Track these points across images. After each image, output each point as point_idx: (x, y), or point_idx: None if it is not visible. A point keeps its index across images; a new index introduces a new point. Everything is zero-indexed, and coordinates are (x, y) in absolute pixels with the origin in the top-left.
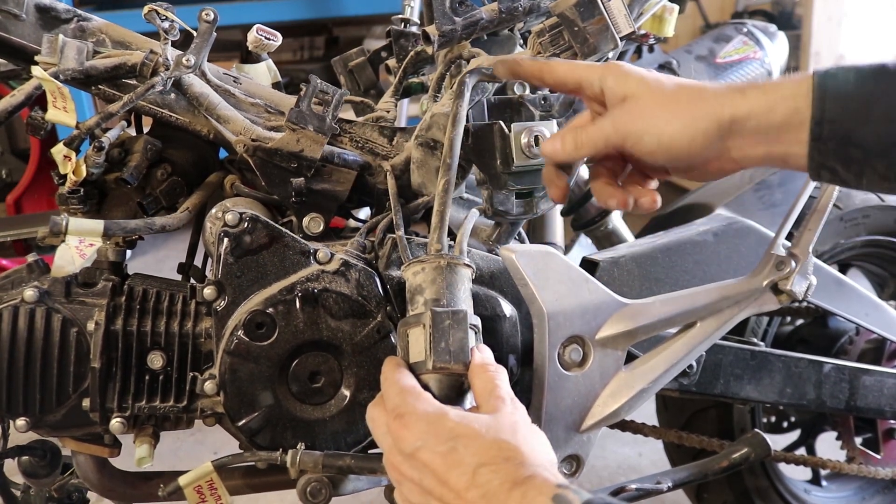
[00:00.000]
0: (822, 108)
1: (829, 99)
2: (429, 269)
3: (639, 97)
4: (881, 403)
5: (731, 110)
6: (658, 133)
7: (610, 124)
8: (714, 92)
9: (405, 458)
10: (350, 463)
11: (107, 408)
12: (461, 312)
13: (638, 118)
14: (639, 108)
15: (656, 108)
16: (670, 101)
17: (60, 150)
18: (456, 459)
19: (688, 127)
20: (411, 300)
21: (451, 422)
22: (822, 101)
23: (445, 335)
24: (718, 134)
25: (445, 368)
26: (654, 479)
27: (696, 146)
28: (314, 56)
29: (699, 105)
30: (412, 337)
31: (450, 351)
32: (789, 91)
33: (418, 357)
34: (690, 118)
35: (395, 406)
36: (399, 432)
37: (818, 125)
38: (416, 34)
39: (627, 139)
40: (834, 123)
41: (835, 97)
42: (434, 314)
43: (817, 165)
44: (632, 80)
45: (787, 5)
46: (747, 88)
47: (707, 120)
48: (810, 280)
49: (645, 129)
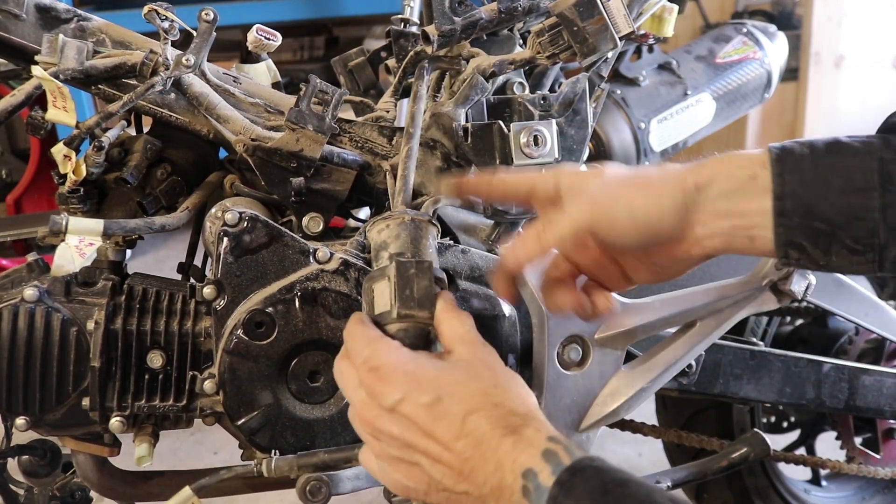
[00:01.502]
0: (783, 182)
1: (788, 172)
2: (393, 224)
3: (603, 181)
4: (880, 403)
5: (693, 178)
6: (629, 208)
7: (576, 211)
8: (676, 167)
9: (383, 412)
10: (324, 458)
11: (106, 407)
12: (425, 262)
13: (607, 198)
14: (606, 190)
15: (623, 187)
16: (635, 179)
17: (60, 149)
18: (442, 410)
19: (657, 200)
20: (376, 257)
21: (430, 371)
22: (781, 175)
23: (410, 283)
24: (685, 204)
25: (411, 316)
26: (653, 478)
27: (667, 220)
28: (314, 56)
29: (663, 180)
30: (377, 291)
31: (414, 298)
32: (747, 159)
33: (383, 308)
34: (657, 192)
35: (367, 358)
36: (375, 385)
37: (780, 199)
38: (416, 34)
39: (599, 221)
40: (795, 197)
41: (793, 170)
42: (398, 264)
43: (784, 243)
44: (589, 174)
45: (787, 5)
46: (707, 160)
47: (673, 191)
48: (809, 279)
49: (615, 208)
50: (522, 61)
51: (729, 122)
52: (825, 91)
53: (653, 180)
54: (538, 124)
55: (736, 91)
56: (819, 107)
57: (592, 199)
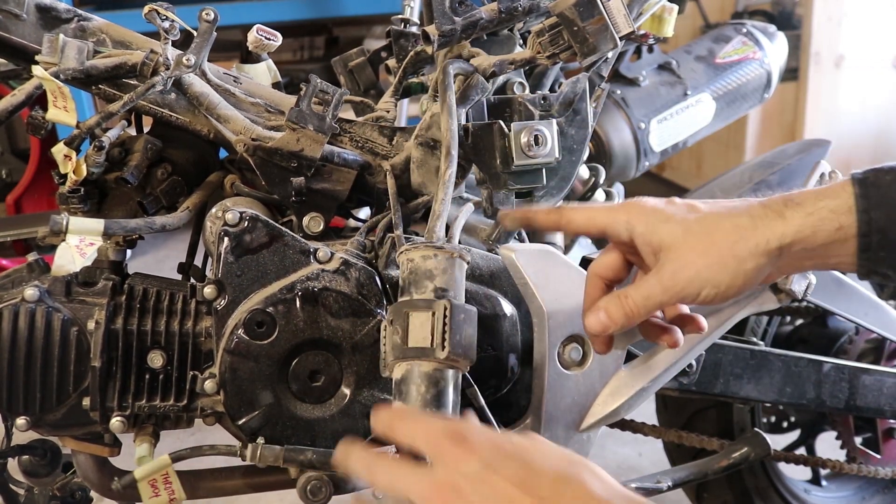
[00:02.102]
0: (868, 220)
1: (874, 208)
2: (441, 257)
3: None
4: (881, 403)
5: (776, 241)
6: (714, 285)
7: (657, 286)
8: (752, 223)
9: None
10: (311, 457)
11: (107, 407)
12: (473, 311)
13: (686, 275)
14: (681, 263)
15: (700, 259)
16: (710, 247)
17: (61, 149)
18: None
19: (739, 270)
20: (416, 283)
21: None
22: (866, 212)
23: (461, 329)
24: (768, 266)
25: (457, 362)
26: (653, 478)
27: (751, 282)
28: (314, 56)
29: (741, 244)
30: (415, 321)
31: (462, 345)
32: (831, 207)
33: (422, 343)
34: (738, 262)
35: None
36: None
37: (865, 237)
38: (416, 34)
39: (684, 298)
40: (882, 234)
41: (878, 206)
42: (454, 306)
43: (867, 272)
44: (662, 229)
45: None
46: (786, 210)
47: (755, 258)
48: (810, 279)
49: (699, 285)
50: (522, 61)
51: (729, 122)
52: (825, 91)
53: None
54: (538, 124)
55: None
56: (819, 107)
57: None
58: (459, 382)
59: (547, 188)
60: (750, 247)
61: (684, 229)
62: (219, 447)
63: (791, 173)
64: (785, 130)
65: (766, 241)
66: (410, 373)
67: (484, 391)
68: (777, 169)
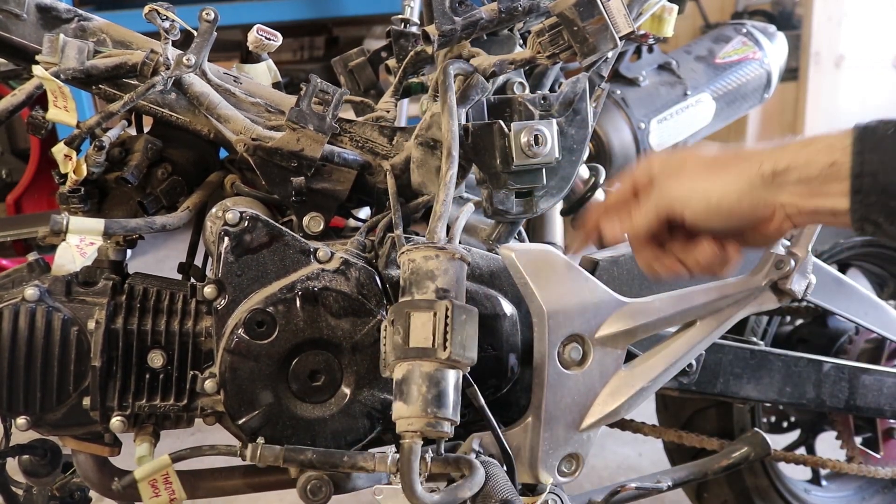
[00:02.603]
0: (861, 162)
1: (868, 151)
2: (444, 257)
3: (682, 166)
4: (881, 403)
5: (771, 164)
6: (705, 194)
7: (656, 194)
8: (753, 150)
9: None
10: (311, 457)
11: (107, 406)
12: (474, 312)
13: (683, 184)
14: (682, 175)
15: (699, 172)
16: (711, 164)
17: (61, 149)
18: None
19: (733, 184)
20: (417, 283)
21: None
22: (860, 154)
23: (462, 330)
24: (764, 188)
25: (458, 362)
26: (653, 478)
27: (745, 204)
28: (314, 56)
29: (740, 164)
30: (416, 321)
31: (464, 346)
32: (828, 143)
33: (423, 343)
34: (734, 177)
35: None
36: None
37: (857, 178)
38: (416, 34)
39: (675, 204)
40: (874, 176)
41: (873, 149)
42: (455, 306)
43: (860, 218)
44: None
45: (787, 5)
46: (787, 143)
47: (749, 175)
48: (810, 279)
49: (691, 192)
50: (523, 61)
51: (729, 122)
52: (825, 91)
53: (729, 165)
54: (538, 124)
55: (736, 91)
56: (819, 107)
57: (671, 186)
58: (460, 382)
59: (547, 188)
60: (743, 167)
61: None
62: (219, 447)
63: None
64: (785, 130)
65: (760, 164)
66: (412, 373)
67: (484, 391)
68: None
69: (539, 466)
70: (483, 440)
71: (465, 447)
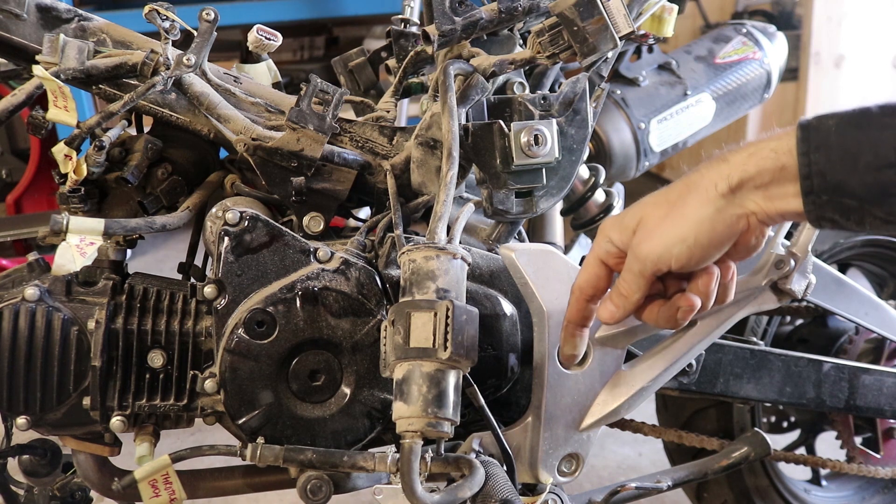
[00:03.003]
0: (808, 163)
1: (814, 150)
2: (444, 257)
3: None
4: (881, 402)
5: (724, 182)
6: (680, 238)
7: (633, 259)
8: (698, 175)
9: None
10: (311, 457)
11: (107, 406)
12: (475, 312)
13: (654, 240)
14: (647, 232)
15: (661, 221)
16: (667, 208)
17: (61, 149)
18: None
19: (700, 216)
20: (418, 283)
21: None
22: (806, 154)
23: (463, 330)
24: (729, 205)
25: (458, 362)
26: (653, 478)
27: (720, 228)
28: (314, 56)
29: (693, 194)
30: (417, 321)
31: (465, 346)
32: (772, 148)
33: (424, 343)
34: (696, 209)
35: None
36: None
37: (806, 179)
38: (416, 34)
39: (658, 263)
40: (822, 176)
41: (818, 148)
42: (456, 307)
43: (817, 217)
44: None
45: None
46: (729, 155)
47: (710, 200)
48: (809, 279)
49: (667, 244)
50: (522, 61)
51: (729, 122)
52: (825, 91)
53: (685, 200)
54: (538, 124)
55: (736, 91)
56: (819, 107)
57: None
58: (461, 383)
59: (547, 188)
60: (701, 194)
61: (645, 206)
62: (219, 447)
63: None
64: None
65: (714, 185)
66: (412, 373)
67: (484, 390)
68: None
69: (539, 466)
70: (483, 440)
71: (465, 447)
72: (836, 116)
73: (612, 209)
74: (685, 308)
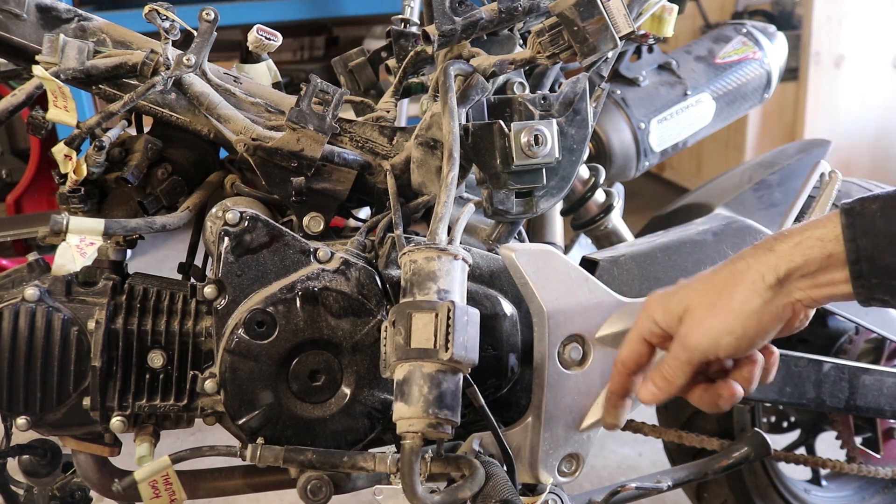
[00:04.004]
0: (856, 249)
1: (861, 237)
2: (445, 258)
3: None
4: (881, 403)
5: (772, 274)
6: (728, 330)
7: (679, 348)
8: (744, 263)
9: None
10: (311, 457)
11: (107, 406)
12: (475, 313)
13: (702, 330)
14: (695, 321)
15: (708, 310)
16: (714, 296)
17: (61, 149)
18: None
19: (747, 309)
20: (419, 284)
21: None
22: (853, 241)
23: (464, 331)
24: (775, 297)
25: (460, 363)
26: (653, 478)
27: (767, 319)
28: (314, 56)
29: (741, 284)
30: (418, 322)
31: (466, 347)
32: (818, 237)
33: (425, 344)
34: (743, 301)
35: None
36: None
37: (855, 265)
38: (416, 34)
39: (706, 353)
40: (871, 261)
41: (865, 234)
42: (457, 308)
43: (867, 299)
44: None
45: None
46: (775, 244)
47: (757, 292)
48: None
49: (715, 335)
50: (523, 61)
51: (729, 122)
52: (825, 91)
53: (731, 289)
54: (539, 124)
55: (736, 91)
56: (819, 107)
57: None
58: (461, 383)
59: (547, 188)
60: (748, 286)
61: (691, 291)
62: (219, 447)
63: (791, 173)
64: (785, 130)
65: (762, 277)
66: (413, 374)
67: (484, 391)
68: (777, 169)
69: (539, 466)
70: (483, 440)
71: (465, 447)
72: (880, 200)
73: (612, 209)
74: (727, 397)
